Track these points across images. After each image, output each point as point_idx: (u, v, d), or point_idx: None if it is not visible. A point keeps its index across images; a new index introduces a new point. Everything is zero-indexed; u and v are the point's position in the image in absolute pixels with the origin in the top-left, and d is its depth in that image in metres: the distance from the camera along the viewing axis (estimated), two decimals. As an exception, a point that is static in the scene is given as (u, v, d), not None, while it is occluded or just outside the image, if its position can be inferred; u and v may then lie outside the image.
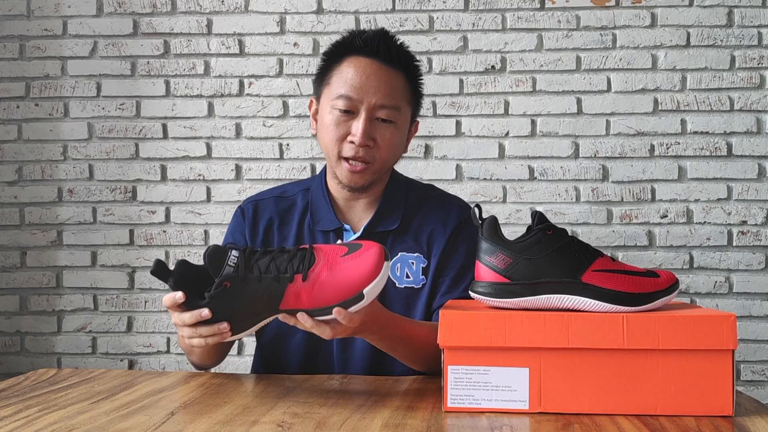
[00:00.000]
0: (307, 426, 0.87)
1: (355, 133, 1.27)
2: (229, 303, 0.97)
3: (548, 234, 0.98)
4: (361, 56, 1.29)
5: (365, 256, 0.97)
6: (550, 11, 2.27)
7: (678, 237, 2.24)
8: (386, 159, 1.32)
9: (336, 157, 1.30)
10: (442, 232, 1.35)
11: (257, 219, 1.39)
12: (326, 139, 1.30)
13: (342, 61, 1.30)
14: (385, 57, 1.29)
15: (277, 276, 0.96)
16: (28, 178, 2.36)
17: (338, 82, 1.29)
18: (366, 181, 1.32)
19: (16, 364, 2.34)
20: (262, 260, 0.97)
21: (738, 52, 2.24)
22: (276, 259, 0.97)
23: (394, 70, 1.30)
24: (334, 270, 0.97)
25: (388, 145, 1.30)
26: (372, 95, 1.27)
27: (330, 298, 0.97)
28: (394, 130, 1.30)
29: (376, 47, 1.28)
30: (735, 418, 0.91)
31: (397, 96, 1.30)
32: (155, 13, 2.34)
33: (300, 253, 0.98)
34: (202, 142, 2.33)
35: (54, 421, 0.90)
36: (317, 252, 0.99)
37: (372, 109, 1.27)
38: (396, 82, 1.30)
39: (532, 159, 2.27)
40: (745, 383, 2.23)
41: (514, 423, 0.90)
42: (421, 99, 1.38)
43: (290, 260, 0.97)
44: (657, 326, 0.92)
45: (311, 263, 0.97)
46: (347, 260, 0.97)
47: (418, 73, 1.36)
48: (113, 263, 2.35)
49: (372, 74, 1.28)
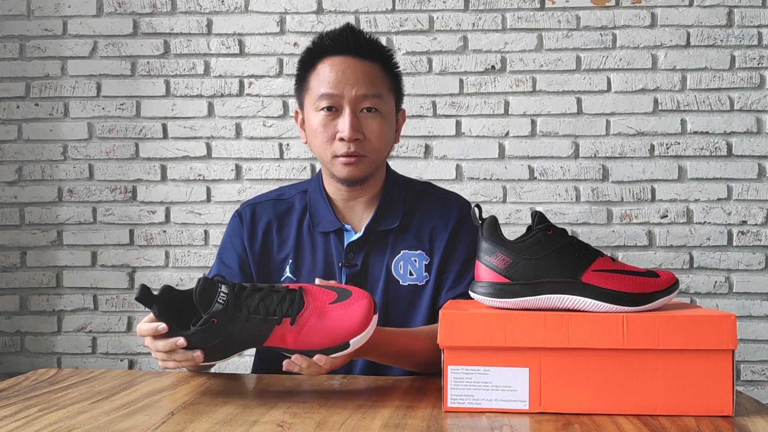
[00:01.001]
0: (307, 426, 0.87)
1: (342, 129, 1.27)
2: (213, 337, 0.97)
3: (548, 234, 0.98)
4: (334, 55, 1.30)
5: (354, 308, 0.98)
6: (550, 11, 2.27)
7: (678, 237, 2.24)
8: (379, 149, 1.32)
9: (330, 158, 1.31)
10: (443, 228, 1.36)
11: (255, 223, 1.39)
12: (317, 142, 1.31)
13: (316, 64, 1.31)
14: (356, 51, 1.30)
15: (266, 317, 0.97)
16: (28, 178, 2.36)
17: (316, 83, 1.30)
18: (363, 173, 1.32)
19: (16, 364, 2.34)
20: (252, 298, 0.97)
21: (738, 52, 2.24)
22: (266, 298, 0.97)
23: (368, 61, 1.30)
24: (322, 317, 0.98)
25: (377, 136, 1.30)
26: (351, 87, 1.27)
27: (315, 344, 0.99)
28: (381, 120, 1.30)
29: (346, 42, 1.29)
30: (735, 418, 0.91)
31: (376, 84, 1.30)
32: (155, 13, 2.34)
33: (290, 295, 0.98)
34: (202, 142, 2.33)
35: (54, 421, 0.90)
36: (306, 296, 0.99)
37: (354, 102, 1.28)
38: (372, 71, 1.30)
39: (532, 159, 2.27)
40: (745, 383, 2.23)
41: (514, 423, 0.89)
42: (401, 87, 1.38)
43: (279, 302, 0.97)
44: (657, 326, 0.92)
45: (300, 307, 0.98)
46: (336, 309, 0.98)
47: (392, 62, 1.36)
48: (113, 263, 2.35)
49: (347, 68, 1.28)
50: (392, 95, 1.35)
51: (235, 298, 0.96)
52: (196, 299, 0.95)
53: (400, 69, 1.38)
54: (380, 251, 1.34)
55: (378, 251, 1.34)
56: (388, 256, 1.34)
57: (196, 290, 0.96)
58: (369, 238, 1.34)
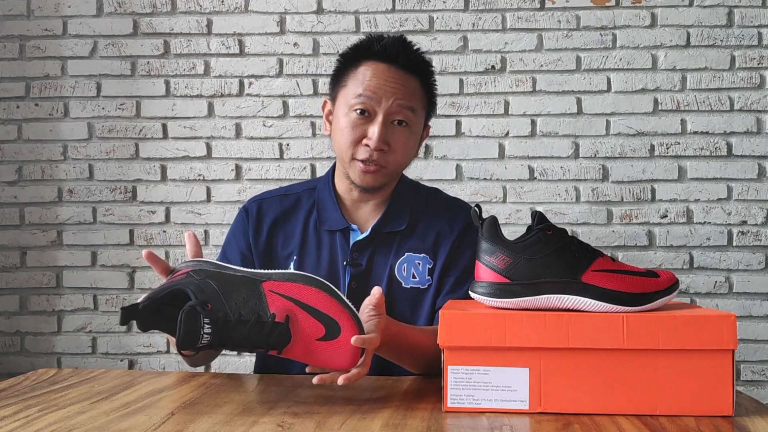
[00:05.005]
0: (307, 426, 0.87)
1: (371, 136, 1.28)
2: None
3: (548, 234, 0.98)
4: (378, 61, 1.30)
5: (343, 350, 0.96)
6: (550, 11, 2.27)
7: (678, 237, 2.24)
8: (399, 163, 1.33)
9: (350, 159, 1.31)
10: (448, 233, 1.36)
11: (261, 218, 1.39)
12: (341, 141, 1.31)
13: (359, 64, 1.31)
14: (402, 64, 1.30)
15: (252, 349, 0.97)
16: (28, 178, 2.36)
17: (355, 83, 1.30)
18: (378, 182, 1.33)
19: (16, 364, 2.34)
20: (237, 332, 0.95)
21: (738, 52, 2.24)
22: (251, 333, 0.95)
23: (409, 75, 1.31)
24: (308, 353, 0.97)
25: (402, 149, 1.31)
26: (390, 97, 1.28)
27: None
28: (408, 134, 1.32)
29: (395, 54, 1.30)
30: (735, 418, 0.91)
31: (413, 99, 1.31)
32: (155, 13, 2.34)
33: (276, 329, 0.95)
34: (202, 142, 2.33)
35: (54, 421, 0.90)
36: (293, 328, 0.96)
37: (389, 113, 1.29)
38: (412, 85, 1.31)
39: (532, 159, 2.27)
40: (745, 383, 2.23)
41: (514, 423, 0.89)
42: (434, 104, 1.40)
43: (266, 337, 0.95)
44: (657, 326, 0.92)
45: (287, 341, 0.96)
46: (324, 346, 0.97)
47: (432, 79, 1.37)
48: (113, 263, 2.35)
49: (389, 78, 1.29)
50: (424, 112, 1.36)
51: (219, 333, 0.94)
52: (180, 342, 0.92)
53: (437, 86, 1.39)
54: (385, 252, 1.34)
55: (383, 252, 1.34)
56: (393, 258, 1.34)
57: (179, 332, 0.92)
58: (375, 239, 1.35)
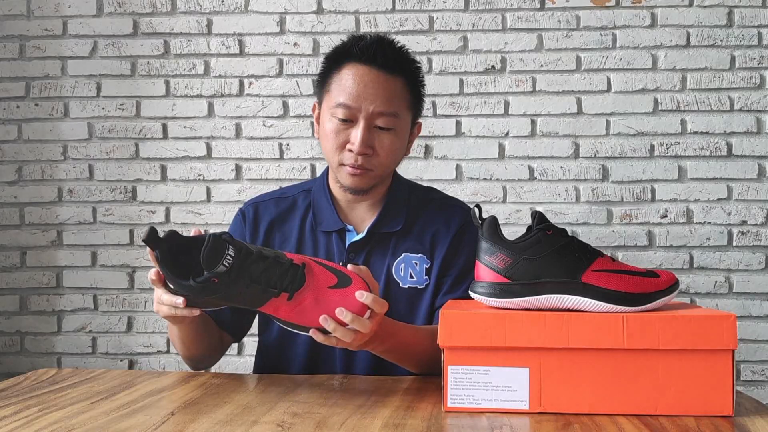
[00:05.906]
0: (307, 426, 0.87)
1: (353, 141, 1.27)
2: (209, 294, 0.98)
3: (548, 234, 0.98)
4: (359, 63, 1.29)
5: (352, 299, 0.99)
6: (550, 11, 2.27)
7: (678, 237, 2.24)
8: (386, 165, 1.32)
9: (336, 164, 1.31)
10: (445, 233, 1.36)
11: (258, 221, 1.39)
12: (327, 146, 1.31)
13: (341, 67, 1.30)
14: (382, 64, 1.28)
15: (265, 288, 0.97)
16: (28, 178, 2.36)
17: (337, 89, 1.29)
18: (367, 185, 1.32)
19: (16, 364, 2.34)
20: (256, 266, 0.97)
21: (738, 52, 2.24)
22: (269, 269, 0.97)
23: (392, 76, 1.29)
24: (319, 299, 0.98)
25: (387, 152, 1.30)
26: (369, 103, 1.27)
27: (306, 322, 1.00)
28: (393, 137, 1.30)
29: (374, 55, 1.28)
30: (735, 418, 0.91)
31: (395, 103, 1.29)
32: (155, 13, 2.34)
33: (292, 270, 0.98)
34: (202, 142, 2.33)
35: (54, 421, 0.90)
36: (308, 274, 0.99)
37: (370, 118, 1.27)
38: (394, 88, 1.29)
39: (532, 159, 2.27)
40: (745, 383, 2.23)
41: (514, 423, 0.90)
42: (422, 101, 1.38)
43: (281, 276, 0.97)
44: (657, 326, 0.92)
45: (300, 285, 0.98)
46: (334, 294, 0.99)
47: (418, 76, 1.35)
48: (113, 263, 2.35)
49: (369, 82, 1.27)
50: (410, 112, 1.34)
51: (240, 262, 0.95)
52: (203, 258, 0.94)
53: (424, 84, 1.37)
54: (381, 253, 1.34)
55: (379, 253, 1.34)
56: (389, 258, 1.34)
57: (205, 249, 0.94)
58: (371, 240, 1.34)
